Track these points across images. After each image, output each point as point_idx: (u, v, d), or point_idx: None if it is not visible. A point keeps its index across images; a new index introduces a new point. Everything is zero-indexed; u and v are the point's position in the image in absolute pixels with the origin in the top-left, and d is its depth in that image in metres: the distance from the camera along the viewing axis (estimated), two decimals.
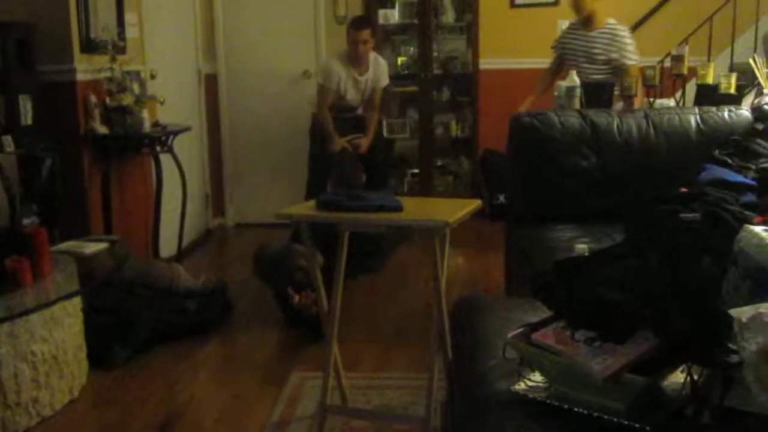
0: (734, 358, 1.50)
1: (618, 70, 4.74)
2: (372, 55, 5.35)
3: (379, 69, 5.42)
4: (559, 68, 5.15)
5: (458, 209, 2.64)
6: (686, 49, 4.36)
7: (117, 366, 3.55)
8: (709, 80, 4.21)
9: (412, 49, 6.72)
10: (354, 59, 5.27)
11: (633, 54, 4.78)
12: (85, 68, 4.24)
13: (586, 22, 4.89)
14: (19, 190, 3.68)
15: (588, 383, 1.56)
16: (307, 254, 2.96)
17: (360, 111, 5.45)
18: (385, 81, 5.49)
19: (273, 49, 6.22)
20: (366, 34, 5.21)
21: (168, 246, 5.12)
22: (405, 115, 6.80)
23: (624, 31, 4.82)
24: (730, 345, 1.52)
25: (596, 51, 4.81)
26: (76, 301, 3.33)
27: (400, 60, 6.73)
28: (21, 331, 2.94)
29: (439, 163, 6.83)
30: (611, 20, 4.84)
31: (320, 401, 2.85)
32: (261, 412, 3.12)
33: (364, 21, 5.42)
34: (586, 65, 4.83)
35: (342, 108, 5.35)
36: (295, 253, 4.15)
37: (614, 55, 4.75)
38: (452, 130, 6.74)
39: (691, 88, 4.49)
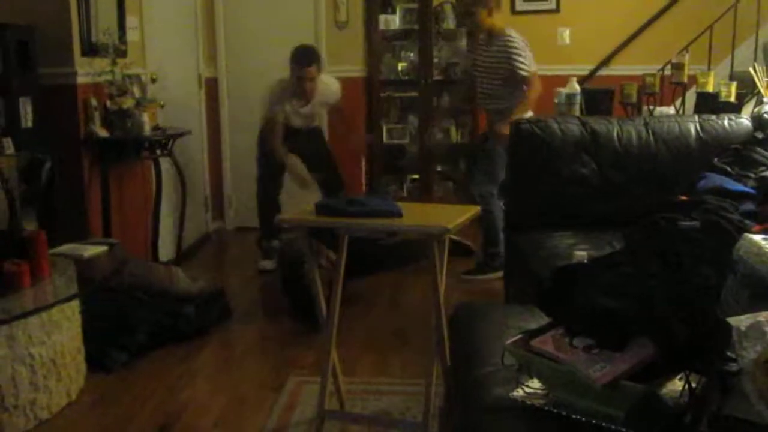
0: (733, 367, 1.50)
1: (512, 80, 4.82)
2: (319, 80, 5.12)
3: (326, 94, 5.21)
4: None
5: (458, 215, 2.65)
6: (686, 57, 4.37)
7: (115, 369, 3.55)
8: (709, 88, 4.22)
9: (412, 54, 6.72)
10: (299, 93, 5.09)
11: (525, 63, 4.80)
12: (86, 71, 4.24)
13: (487, 38, 4.96)
14: (19, 193, 3.68)
15: (586, 390, 1.56)
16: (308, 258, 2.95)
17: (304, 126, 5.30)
18: (336, 98, 5.30)
19: (273, 54, 6.22)
20: (312, 71, 5.00)
21: (167, 249, 5.13)
22: (405, 120, 6.80)
23: (517, 41, 4.86)
24: (729, 353, 1.53)
25: (494, 63, 4.88)
26: (75, 304, 3.32)
27: (400, 65, 6.73)
28: (19, 333, 2.94)
29: (439, 169, 6.83)
30: (509, 32, 4.90)
31: (318, 406, 2.85)
32: (259, 416, 3.11)
33: (309, 55, 5.07)
34: (486, 78, 4.95)
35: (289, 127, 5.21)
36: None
37: (506, 65, 4.82)
38: (452, 136, 6.74)
39: (691, 97, 4.50)
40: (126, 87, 4.44)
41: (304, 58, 5.02)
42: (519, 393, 1.72)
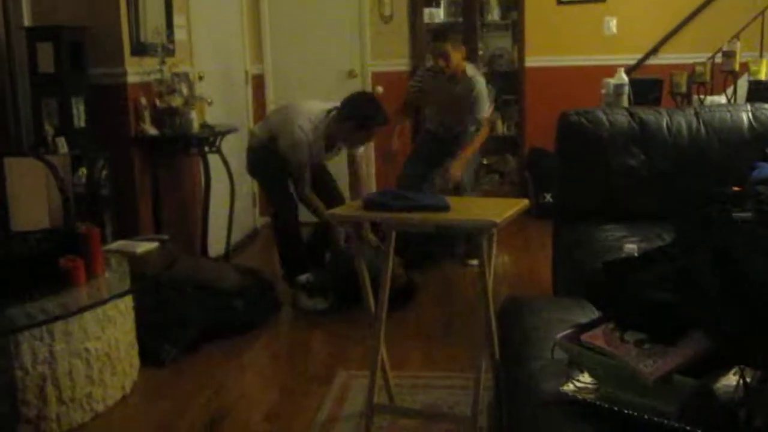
0: None
1: (467, 121, 4.95)
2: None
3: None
4: (412, 110, 5.33)
5: (505, 209, 2.63)
6: (738, 44, 4.29)
7: (167, 363, 3.61)
8: (762, 76, 4.14)
9: None
10: (345, 143, 4.49)
11: (485, 108, 4.97)
12: (136, 71, 4.31)
13: (451, 76, 4.92)
14: (72, 191, 3.76)
15: (638, 385, 1.54)
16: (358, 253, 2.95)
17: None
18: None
19: (319, 49, 6.26)
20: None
21: (216, 245, 5.19)
22: None
23: (481, 85, 4.93)
24: None
25: (455, 102, 4.93)
26: (128, 300, 3.39)
27: None
28: (75, 328, 3.02)
29: (485, 162, 6.80)
30: (474, 75, 4.95)
31: (367, 400, 2.86)
32: (308, 410, 3.14)
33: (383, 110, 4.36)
34: (442, 112, 5.06)
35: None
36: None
37: (466, 109, 4.91)
38: (498, 129, 6.70)
39: (742, 85, 4.42)
40: (174, 85, 4.50)
41: (382, 115, 4.34)
42: (569, 387, 1.71)
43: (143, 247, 3.73)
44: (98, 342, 3.13)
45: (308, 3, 6.26)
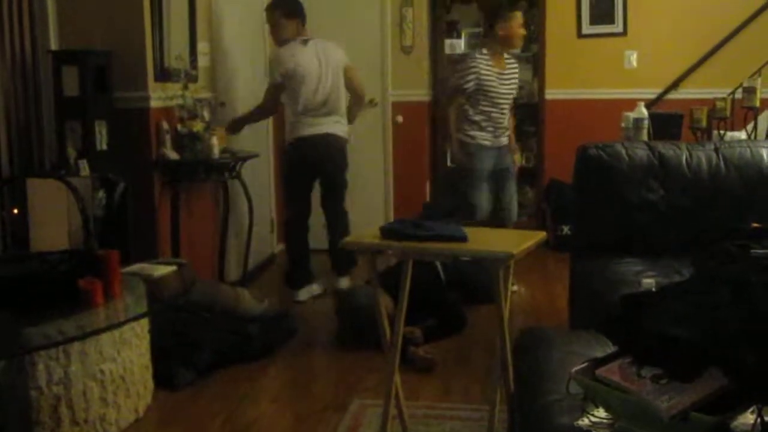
0: None
1: None
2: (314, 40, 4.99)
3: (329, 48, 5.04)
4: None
5: (523, 240, 2.63)
6: (758, 80, 4.28)
7: (181, 387, 3.61)
8: None
9: None
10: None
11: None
12: (159, 96, 4.36)
13: (501, 58, 5.00)
14: (93, 213, 3.79)
15: (654, 421, 1.53)
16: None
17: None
18: (344, 59, 5.09)
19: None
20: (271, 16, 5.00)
21: (233, 270, 5.20)
22: None
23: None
24: None
25: (512, 89, 5.05)
26: (144, 323, 3.40)
27: None
28: (91, 350, 3.03)
29: None
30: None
31: (381, 429, 2.85)
32: None
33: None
34: (504, 107, 5.03)
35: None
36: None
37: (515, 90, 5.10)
38: (517, 160, 6.70)
39: (763, 121, 4.41)
40: (196, 111, 4.54)
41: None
42: (584, 422, 1.70)
43: (161, 270, 3.76)
44: (113, 364, 3.14)
45: (330, 32, 6.30)
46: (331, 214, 5.07)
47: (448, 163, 6.57)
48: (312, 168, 4.96)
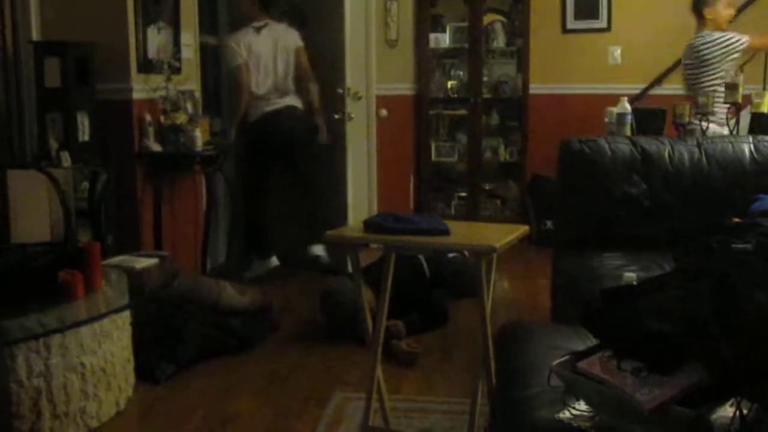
0: None
1: None
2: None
3: (285, 35, 5.23)
4: None
5: (505, 234, 2.63)
6: (741, 76, 4.30)
7: (163, 380, 3.60)
8: (764, 109, 4.15)
9: (462, 73, 6.74)
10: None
11: None
12: (141, 87, 4.33)
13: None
14: (74, 205, 3.77)
15: (634, 414, 1.54)
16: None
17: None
18: (297, 42, 5.29)
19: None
20: None
21: (216, 263, 5.19)
22: (454, 138, 6.81)
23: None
24: None
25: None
26: (126, 315, 3.39)
27: (449, 84, 6.75)
28: (72, 342, 3.01)
29: (487, 187, 6.82)
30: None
31: (363, 423, 2.85)
32: (303, 431, 3.13)
33: None
34: None
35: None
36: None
37: None
38: (501, 155, 6.73)
39: (745, 117, 4.43)
40: (179, 103, 4.52)
41: None
42: (565, 415, 1.71)
43: (143, 262, 3.73)
44: (94, 357, 3.12)
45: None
46: (304, 182, 5.24)
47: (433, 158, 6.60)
48: (278, 141, 5.13)
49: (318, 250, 5.16)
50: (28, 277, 2.83)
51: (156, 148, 4.40)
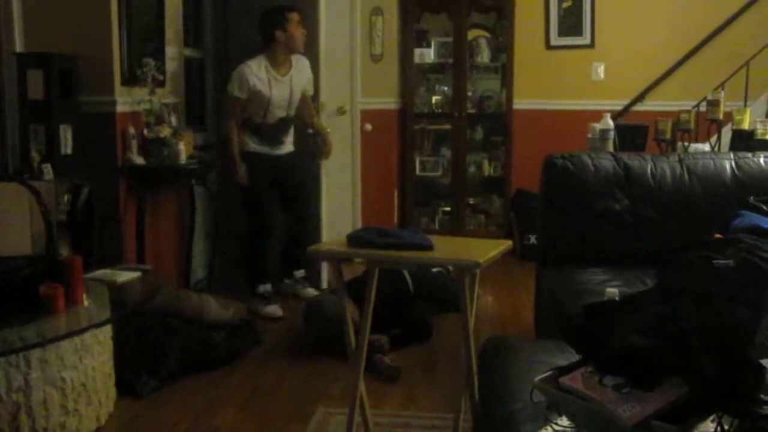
0: (766, 410, 1.48)
1: None
2: (294, 55, 4.94)
3: (305, 68, 5.01)
4: None
5: (489, 249, 2.64)
6: (722, 93, 4.35)
7: (144, 395, 3.57)
8: (745, 126, 4.20)
9: (446, 88, 6.77)
10: (287, 54, 4.84)
11: None
12: (125, 100, 4.32)
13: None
14: (56, 218, 3.74)
15: (616, 430, 1.54)
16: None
17: (285, 114, 4.94)
18: (311, 85, 5.08)
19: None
20: (299, 16, 4.81)
21: (199, 277, 5.16)
22: (438, 153, 6.83)
23: None
24: (763, 396, 1.50)
25: None
26: (107, 329, 3.36)
27: (434, 98, 6.78)
28: (52, 357, 2.98)
29: (471, 202, 6.83)
30: None
31: None
32: None
33: (290, 4, 4.85)
34: None
35: (266, 115, 4.87)
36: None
37: None
38: (485, 169, 6.75)
39: (726, 134, 4.47)
40: (163, 116, 4.51)
41: (288, 5, 4.79)
42: (547, 430, 1.71)
43: (125, 276, 3.72)
44: (75, 371, 3.09)
45: None
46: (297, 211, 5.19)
47: (417, 172, 6.60)
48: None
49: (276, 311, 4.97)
50: (9, 290, 2.80)
51: (139, 161, 4.38)
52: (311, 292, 5.13)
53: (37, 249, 3.66)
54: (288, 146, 5.03)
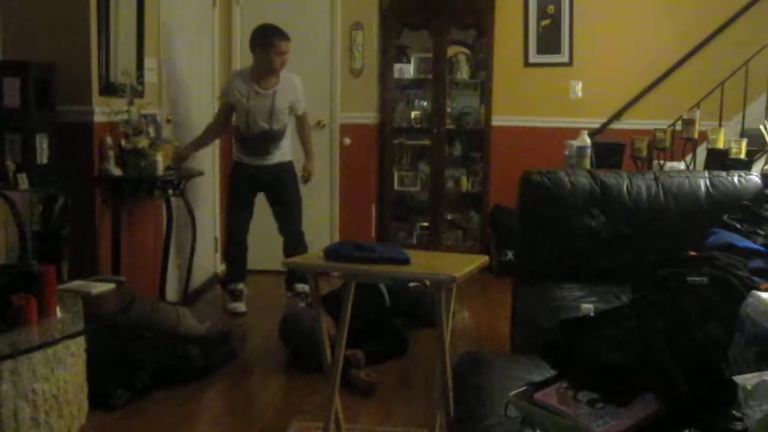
0: (738, 426, 1.49)
1: None
2: (285, 72, 5.07)
3: (292, 87, 5.10)
4: None
5: (466, 264, 2.65)
6: (698, 113, 4.40)
7: (117, 408, 3.53)
8: (720, 145, 4.25)
9: (425, 103, 6.79)
10: (264, 72, 5.00)
11: None
12: (103, 110, 4.29)
13: None
14: (31, 228, 3.71)
15: None
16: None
17: (267, 127, 5.03)
18: (302, 103, 5.16)
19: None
20: (289, 45, 4.97)
21: (174, 290, 5.13)
22: (416, 168, 6.85)
23: None
24: (735, 412, 1.51)
25: None
26: (80, 341, 3.32)
27: (413, 114, 6.80)
28: (23, 369, 2.94)
29: (449, 217, 6.85)
30: None
31: None
32: None
33: (284, 32, 5.00)
34: None
35: (248, 126, 5.03)
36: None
37: None
38: (463, 185, 6.77)
39: (701, 152, 4.52)
40: (141, 127, 4.48)
41: (281, 31, 4.96)
42: None
43: (99, 287, 3.67)
44: (46, 383, 3.05)
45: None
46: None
47: (395, 187, 6.61)
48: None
49: (239, 307, 5.24)
50: None
51: (116, 172, 4.35)
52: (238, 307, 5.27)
53: (10, 259, 3.62)
54: (277, 157, 5.14)
